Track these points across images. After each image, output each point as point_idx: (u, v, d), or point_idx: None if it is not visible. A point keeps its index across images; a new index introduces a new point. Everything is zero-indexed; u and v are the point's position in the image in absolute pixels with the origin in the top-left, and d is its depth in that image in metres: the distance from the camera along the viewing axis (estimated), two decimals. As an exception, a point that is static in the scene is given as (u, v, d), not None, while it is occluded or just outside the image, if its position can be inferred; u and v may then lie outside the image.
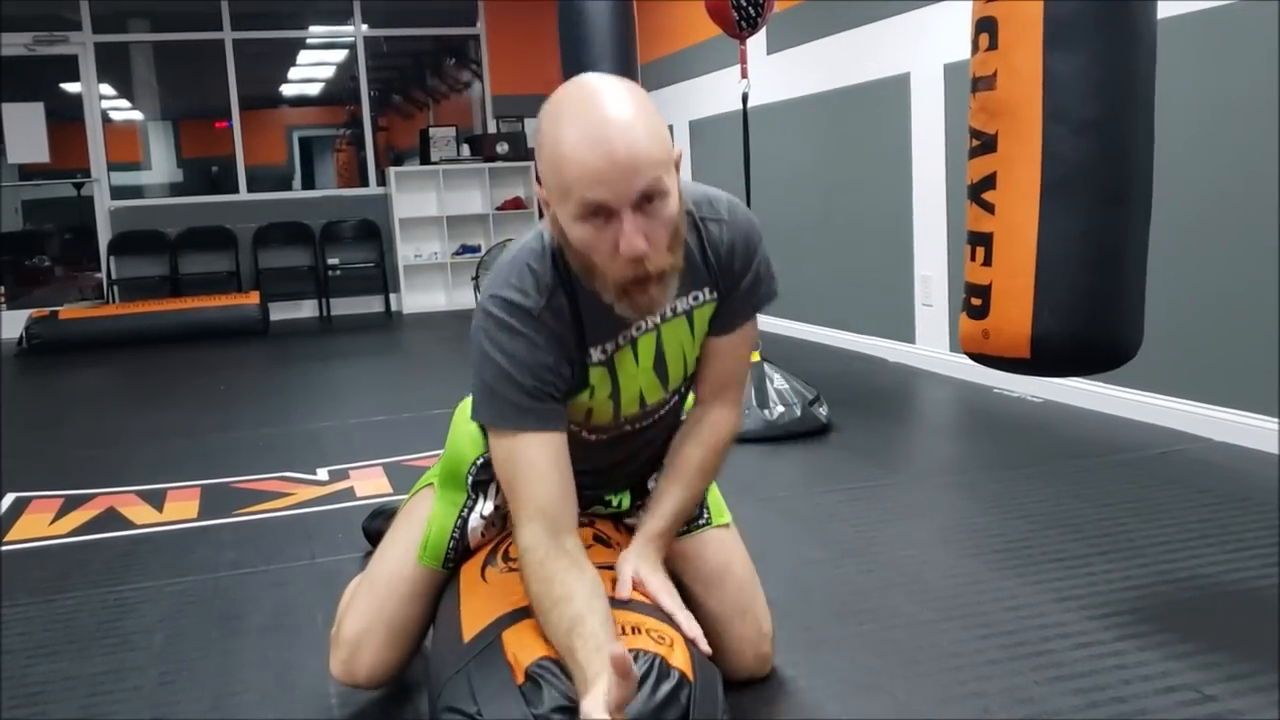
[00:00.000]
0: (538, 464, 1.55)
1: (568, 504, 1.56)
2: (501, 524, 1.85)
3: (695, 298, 1.67)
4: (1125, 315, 1.96)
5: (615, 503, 1.95)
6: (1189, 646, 1.99)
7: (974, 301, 2.00)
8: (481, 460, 1.80)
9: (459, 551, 1.82)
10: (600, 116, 1.40)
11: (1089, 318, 1.93)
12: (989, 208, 1.95)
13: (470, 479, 1.82)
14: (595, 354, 1.61)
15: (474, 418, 1.62)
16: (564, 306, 1.56)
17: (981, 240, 1.98)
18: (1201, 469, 3.12)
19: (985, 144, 1.95)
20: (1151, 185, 1.96)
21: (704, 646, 1.55)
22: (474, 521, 1.82)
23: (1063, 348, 1.94)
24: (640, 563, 1.64)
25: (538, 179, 1.52)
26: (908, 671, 1.97)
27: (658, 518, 1.72)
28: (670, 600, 1.62)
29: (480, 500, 1.82)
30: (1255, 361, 3.19)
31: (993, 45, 1.92)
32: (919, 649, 2.06)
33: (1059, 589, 2.30)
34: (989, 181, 1.94)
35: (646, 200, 1.41)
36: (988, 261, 1.96)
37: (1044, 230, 1.88)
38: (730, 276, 1.68)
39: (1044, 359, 1.95)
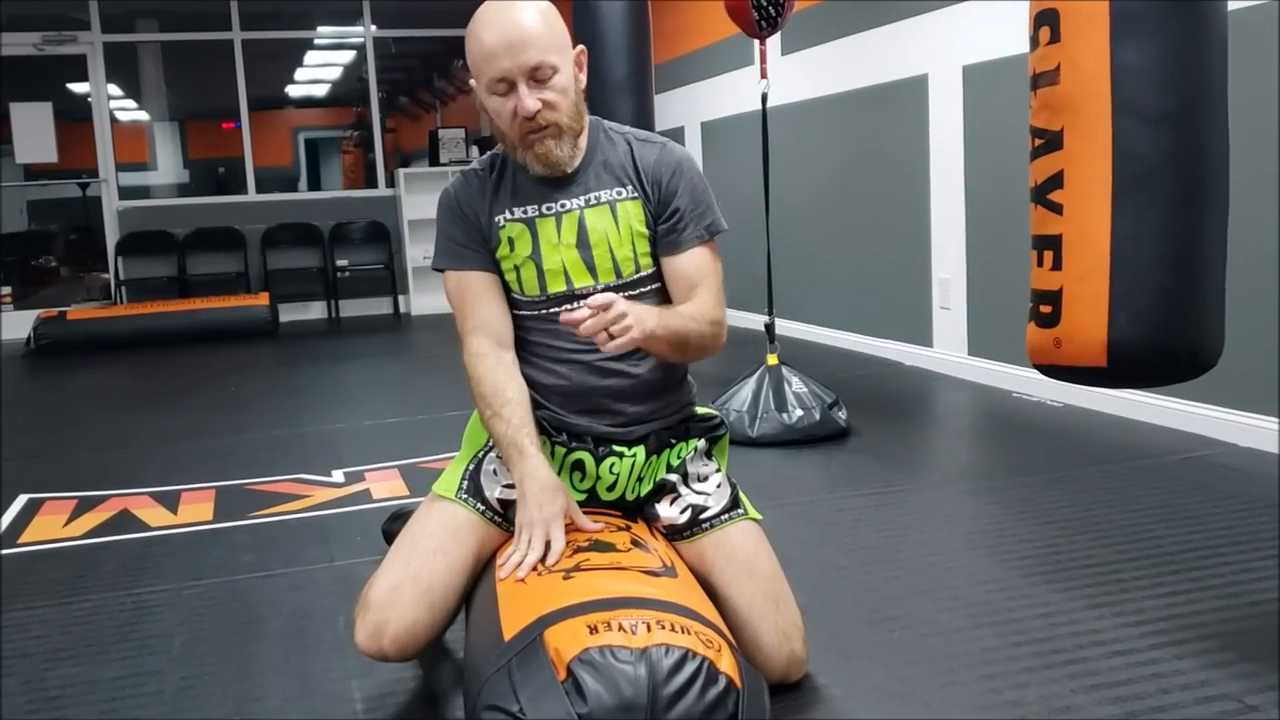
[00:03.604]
0: (480, 290, 1.94)
1: (506, 324, 1.95)
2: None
3: (618, 192, 1.94)
4: (1206, 320, 1.85)
5: (630, 455, 1.94)
6: (1227, 655, 1.96)
7: (1043, 309, 1.90)
8: None
9: (474, 484, 1.90)
10: (501, 12, 1.81)
11: (1169, 323, 1.82)
12: (1056, 209, 1.85)
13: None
14: (516, 211, 1.93)
15: (434, 266, 2.00)
16: (495, 173, 1.96)
17: (1049, 244, 1.88)
18: (1227, 474, 3.09)
19: (1049, 142, 1.85)
20: (1228, 181, 1.85)
21: None
22: (488, 464, 1.92)
23: (1142, 355, 1.83)
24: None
25: (479, 101, 1.89)
26: (942, 679, 1.94)
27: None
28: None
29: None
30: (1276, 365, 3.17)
31: (1054, 38, 1.83)
32: (952, 656, 2.03)
33: (1090, 595, 2.27)
34: (1055, 181, 1.85)
35: (538, 72, 1.80)
36: (1057, 265, 1.86)
37: (1117, 230, 1.78)
38: (659, 187, 1.94)
39: (1122, 367, 1.84)
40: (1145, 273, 1.80)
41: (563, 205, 1.92)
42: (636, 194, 1.94)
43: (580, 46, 1.91)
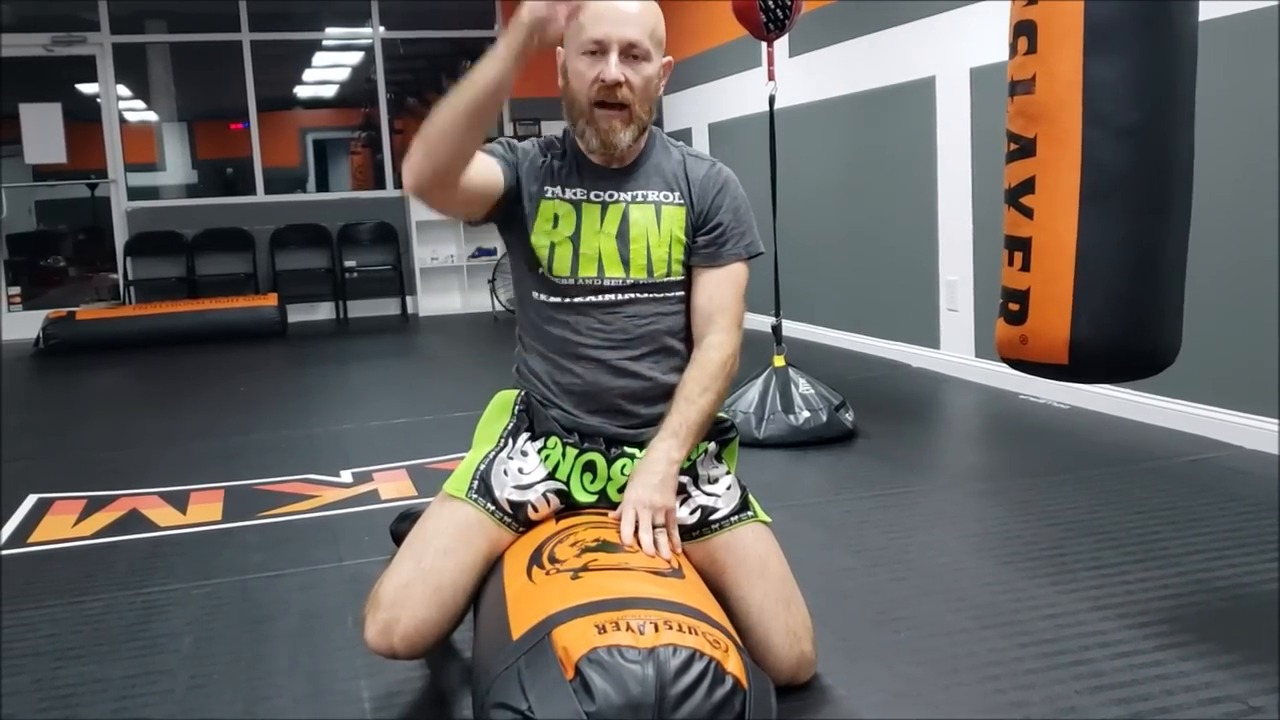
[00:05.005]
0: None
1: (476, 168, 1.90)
2: (527, 522, 1.90)
3: (665, 196, 2.00)
4: (1163, 323, 1.94)
5: (642, 456, 1.94)
6: (1231, 657, 1.97)
7: (1011, 307, 1.98)
8: (519, 407, 2.01)
9: (484, 484, 1.90)
10: None
11: (1127, 325, 1.91)
12: (1027, 212, 1.93)
13: (512, 418, 2.00)
14: (566, 192, 1.98)
15: None
16: (552, 154, 2.01)
17: (1020, 245, 1.96)
18: (1233, 477, 3.09)
19: (1023, 148, 1.93)
20: (1191, 192, 1.93)
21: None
22: (499, 464, 1.93)
23: (1100, 354, 1.92)
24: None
25: (561, 64, 1.95)
26: (948, 681, 1.95)
27: (663, 430, 1.90)
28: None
29: (509, 445, 1.96)
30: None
31: (1031, 49, 1.90)
32: (957, 657, 2.03)
33: (1096, 597, 2.28)
34: (1027, 186, 1.92)
35: (632, 50, 1.87)
36: (1026, 267, 1.94)
37: (1083, 236, 1.87)
38: (704, 200, 2.01)
39: (1082, 365, 1.93)
40: (1108, 278, 1.89)
41: (611, 196, 1.98)
42: (682, 201, 2.00)
43: (669, 58, 1.98)
